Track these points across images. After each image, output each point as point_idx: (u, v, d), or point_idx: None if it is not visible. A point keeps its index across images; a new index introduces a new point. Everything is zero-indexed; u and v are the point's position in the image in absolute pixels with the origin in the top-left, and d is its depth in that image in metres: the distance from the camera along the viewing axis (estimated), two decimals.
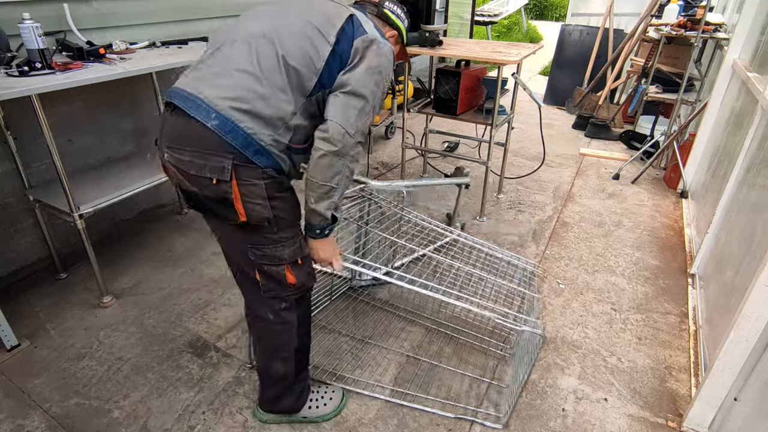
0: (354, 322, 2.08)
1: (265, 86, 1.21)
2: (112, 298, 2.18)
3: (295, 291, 1.42)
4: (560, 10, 12.85)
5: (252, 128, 1.19)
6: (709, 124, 3.13)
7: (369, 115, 1.28)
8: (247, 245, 1.33)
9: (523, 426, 1.65)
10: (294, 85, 1.23)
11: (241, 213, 1.24)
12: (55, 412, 1.65)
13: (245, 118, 1.19)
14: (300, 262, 1.39)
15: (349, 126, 1.23)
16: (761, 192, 1.82)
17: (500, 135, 2.97)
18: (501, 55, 2.55)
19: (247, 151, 1.19)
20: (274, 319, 1.46)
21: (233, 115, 1.18)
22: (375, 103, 1.29)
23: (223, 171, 1.18)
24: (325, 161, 1.24)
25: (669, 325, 2.13)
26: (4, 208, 2.18)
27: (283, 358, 1.52)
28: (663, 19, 3.74)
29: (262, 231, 1.29)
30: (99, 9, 2.33)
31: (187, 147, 1.19)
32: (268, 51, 1.22)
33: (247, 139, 1.19)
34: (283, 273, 1.37)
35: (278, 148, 1.25)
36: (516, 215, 3.04)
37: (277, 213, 1.28)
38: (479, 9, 7.15)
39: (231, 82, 1.21)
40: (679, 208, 3.18)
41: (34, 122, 1.76)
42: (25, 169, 2.15)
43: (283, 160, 1.27)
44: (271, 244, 1.33)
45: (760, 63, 2.43)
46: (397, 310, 2.15)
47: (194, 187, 1.23)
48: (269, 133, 1.22)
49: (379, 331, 2.04)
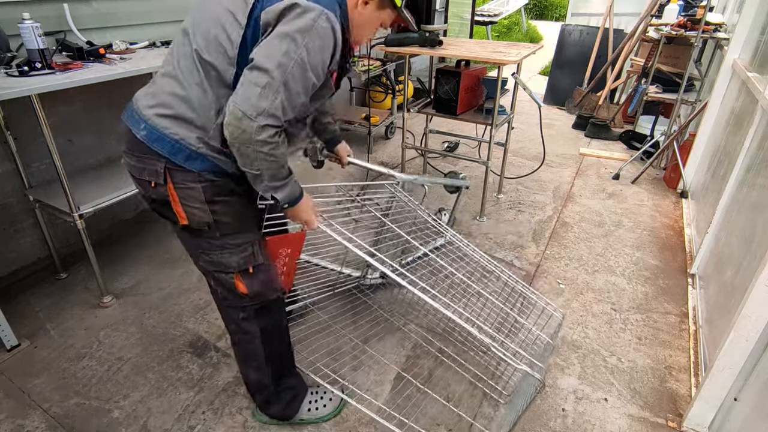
0: (356, 323, 2.08)
1: (185, 88, 1.15)
2: (112, 298, 2.18)
3: (251, 301, 1.36)
4: (560, 10, 12.85)
5: (178, 133, 1.16)
6: (709, 124, 3.13)
7: (279, 93, 1.06)
8: (197, 250, 1.30)
9: (523, 426, 1.65)
10: (213, 80, 1.14)
11: (181, 216, 1.22)
12: (55, 412, 1.65)
13: (171, 124, 1.16)
14: (251, 271, 1.31)
15: (249, 107, 1.04)
16: (761, 192, 1.82)
17: (500, 135, 2.97)
18: (501, 55, 2.55)
19: (177, 158, 1.16)
20: (234, 329, 1.43)
21: (159, 123, 1.16)
22: (288, 77, 1.06)
23: (158, 174, 1.18)
24: (235, 150, 1.11)
25: (669, 325, 2.13)
26: (4, 208, 2.18)
27: (255, 366, 1.49)
28: (663, 19, 3.74)
29: (205, 235, 1.26)
30: (99, 9, 2.33)
31: (132, 152, 1.21)
32: (186, 49, 1.16)
33: (175, 145, 1.16)
34: (233, 281, 1.31)
35: (212, 150, 1.18)
36: (516, 215, 3.04)
37: (218, 218, 1.23)
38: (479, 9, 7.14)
39: (155, 89, 1.19)
40: (679, 208, 3.18)
41: (34, 122, 1.76)
42: (25, 169, 2.15)
43: (223, 161, 1.20)
44: (216, 250, 1.28)
45: (760, 63, 2.43)
46: (398, 312, 2.15)
47: (140, 189, 1.25)
48: (198, 135, 1.17)
49: (381, 331, 2.04)
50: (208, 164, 1.19)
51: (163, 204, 1.23)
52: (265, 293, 1.36)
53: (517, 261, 2.56)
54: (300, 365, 1.73)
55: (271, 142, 1.09)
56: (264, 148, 1.09)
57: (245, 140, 1.07)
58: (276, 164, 1.15)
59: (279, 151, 1.13)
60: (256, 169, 1.13)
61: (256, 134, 1.06)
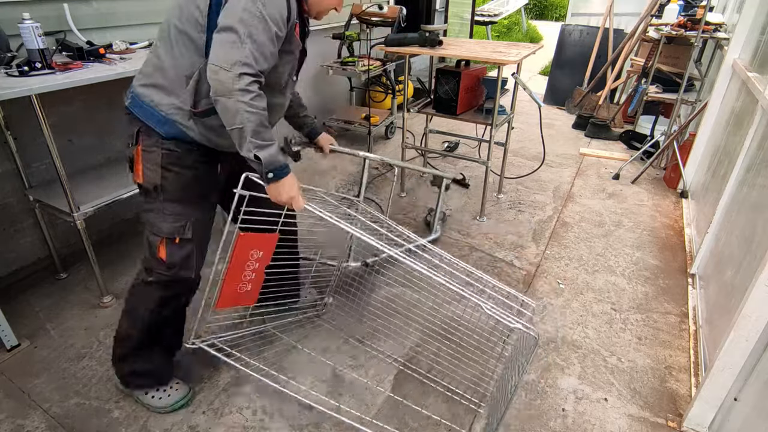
0: (352, 322, 2.08)
1: (161, 58, 1.33)
2: (112, 298, 2.18)
3: (165, 270, 1.47)
4: (560, 10, 12.85)
5: (153, 100, 1.35)
6: (709, 124, 3.13)
7: (246, 44, 1.18)
8: (142, 206, 1.48)
9: (523, 426, 1.65)
10: (187, 48, 1.29)
11: (138, 173, 1.42)
12: (55, 412, 1.65)
13: (148, 92, 1.36)
14: (177, 241, 1.45)
15: (223, 61, 1.17)
16: (761, 192, 1.82)
17: (500, 135, 2.97)
18: (501, 55, 2.54)
19: (150, 122, 1.36)
20: (134, 284, 1.56)
21: (139, 92, 1.37)
22: (251, 29, 1.19)
23: (131, 136, 1.40)
24: (219, 107, 1.23)
25: (669, 325, 2.13)
26: (4, 208, 2.18)
27: (132, 323, 1.56)
28: (663, 19, 3.74)
29: (150, 195, 1.43)
30: (99, 9, 2.33)
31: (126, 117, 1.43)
32: (165, 24, 1.34)
33: (148, 110, 1.35)
34: (157, 245, 1.45)
35: (182, 116, 1.34)
36: (516, 215, 3.04)
37: (166, 183, 1.40)
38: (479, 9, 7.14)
39: (142, 66, 1.40)
40: (679, 208, 3.18)
41: (34, 122, 1.76)
42: (25, 169, 2.15)
43: (190, 128, 1.36)
44: (153, 212, 1.44)
45: (760, 63, 2.43)
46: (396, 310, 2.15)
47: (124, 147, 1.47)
48: (170, 102, 1.33)
49: (381, 331, 2.04)
50: (175, 130, 1.36)
51: (130, 160, 1.44)
52: (180, 268, 1.48)
53: (517, 261, 2.56)
54: None
55: (250, 91, 1.20)
56: (244, 97, 1.19)
57: (225, 91, 1.19)
58: (257, 117, 1.23)
59: (259, 104, 1.23)
60: (239, 123, 1.22)
61: (234, 83, 1.18)
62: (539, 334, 1.98)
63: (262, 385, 1.76)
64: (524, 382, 1.81)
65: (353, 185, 3.40)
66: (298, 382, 1.78)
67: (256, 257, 1.51)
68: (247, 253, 1.48)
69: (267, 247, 1.53)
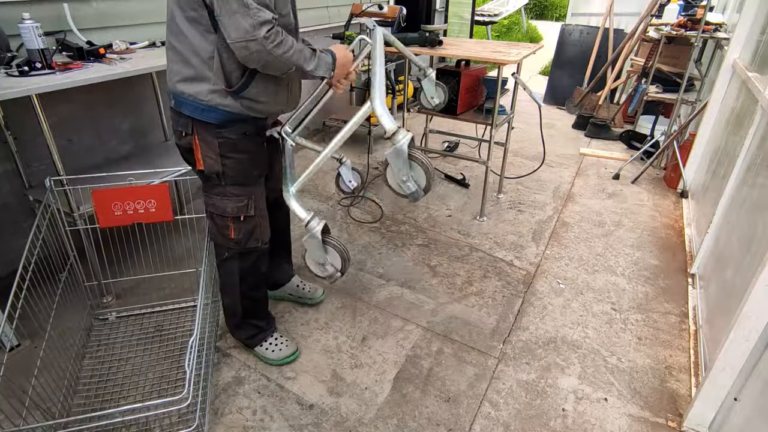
0: (352, 322, 2.08)
1: (177, 50, 1.37)
2: (112, 298, 2.18)
3: (235, 245, 1.61)
4: (560, 9, 12.85)
5: (190, 94, 1.39)
6: (709, 124, 3.13)
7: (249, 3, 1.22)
8: (205, 191, 1.58)
9: (523, 426, 1.65)
10: (197, 29, 1.32)
11: (199, 162, 1.50)
12: (55, 412, 1.65)
13: (184, 87, 1.40)
14: (242, 219, 1.57)
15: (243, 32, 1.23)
16: (761, 192, 1.82)
17: (500, 135, 2.97)
18: (501, 54, 2.54)
19: (197, 114, 1.42)
20: (218, 263, 1.72)
21: (178, 90, 1.42)
22: None
23: (186, 126, 1.47)
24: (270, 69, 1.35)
25: (669, 325, 2.13)
26: (4, 208, 2.18)
27: (230, 296, 1.76)
28: (663, 19, 3.74)
29: (213, 181, 1.53)
30: (99, 9, 2.33)
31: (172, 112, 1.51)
32: (168, 14, 1.37)
33: (191, 104, 1.41)
34: (225, 224, 1.58)
35: (221, 96, 1.39)
36: (516, 215, 3.04)
37: (226, 170, 1.50)
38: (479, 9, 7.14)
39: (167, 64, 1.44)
40: (679, 207, 3.18)
41: (34, 122, 1.76)
42: (25, 169, 2.15)
43: (232, 106, 1.42)
44: (218, 195, 1.55)
45: (760, 63, 2.43)
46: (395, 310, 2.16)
47: (176, 137, 1.53)
48: (205, 88, 1.38)
49: (381, 331, 2.04)
50: (221, 114, 1.42)
51: (188, 150, 1.52)
52: (248, 241, 1.63)
53: (517, 261, 2.56)
54: None
55: (278, 41, 1.28)
56: (278, 49, 1.29)
57: (265, 54, 1.27)
58: (297, 53, 1.35)
59: (289, 43, 1.32)
60: (290, 68, 1.35)
61: (266, 44, 1.25)
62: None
63: (262, 385, 1.77)
64: (524, 382, 1.82)
65: None
66: (298, 382, 1.78)
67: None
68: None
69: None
